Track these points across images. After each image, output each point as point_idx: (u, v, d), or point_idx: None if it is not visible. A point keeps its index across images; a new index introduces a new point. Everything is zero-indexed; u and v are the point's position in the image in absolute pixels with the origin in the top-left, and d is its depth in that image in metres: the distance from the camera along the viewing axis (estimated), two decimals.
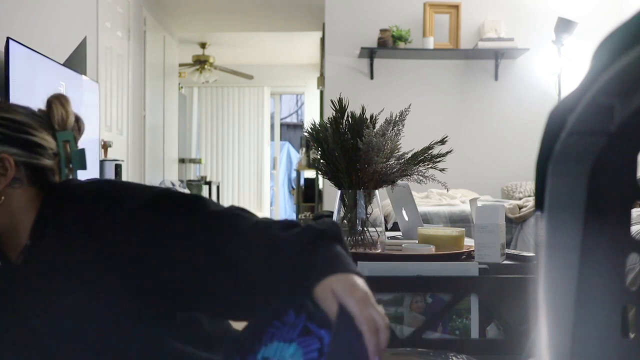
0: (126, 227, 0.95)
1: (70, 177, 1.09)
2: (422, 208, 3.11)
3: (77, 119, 1.14)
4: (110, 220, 0.96)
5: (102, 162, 3.74)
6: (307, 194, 7.43)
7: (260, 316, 0.91)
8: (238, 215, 0.95)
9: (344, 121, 1.65)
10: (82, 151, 1.11)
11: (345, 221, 1.65)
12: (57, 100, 1.10)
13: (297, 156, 9.38)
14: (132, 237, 0.95)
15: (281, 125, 10.24)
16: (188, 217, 0.95)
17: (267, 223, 0.93)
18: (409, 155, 1.67)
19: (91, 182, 1.07)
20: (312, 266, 0.85)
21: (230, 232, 0.92)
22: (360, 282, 0.84)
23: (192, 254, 0.92)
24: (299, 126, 10.75)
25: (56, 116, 1.08)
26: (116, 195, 1.00)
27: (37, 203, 1.05)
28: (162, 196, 0.99)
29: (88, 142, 3.38)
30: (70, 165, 1.10)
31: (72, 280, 0.97)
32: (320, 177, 4.17)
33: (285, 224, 0.92)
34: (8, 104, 1.09)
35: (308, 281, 0.84)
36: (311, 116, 7.44)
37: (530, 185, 4.36)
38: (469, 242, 1.73)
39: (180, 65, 7.31)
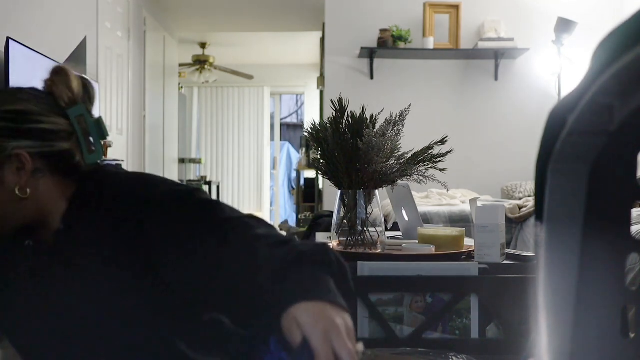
0: (148, 223, 0.98)
1: (93, 149, 1.06)
2: (422, 208, 3.11)
3: (85, 87, 1.08)
4: (138, 217, 0.98)
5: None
6: (307, 194, 7.43)
7: (254, 336, 0.92)
8: (247, 225, 0.95)
9: (344, 121, 1.65)
10: (99, 120, 1.06)
11: (345, 221, 1.65)
12: (58, 79, 1.05)
13: (297, 156, 9.38)
14: (152, 234, 0.97)
15: (281, 125, 10.24)
16: (199, 220, 0.96)
17: (259, 237, 0.93)
18: (409, 155, 1.67)
19: (125, 176, 1.07)
20: (281, 292, 0.82)
21: (228, 242, 0.93)
22: (331, 312, 0.79)
23: (194, 258, 0.94)
24: (299, 126, 10.75)
25: (61, 96, 1.04)
26: (146, 193, 1.01)
27: (68, 191, 1.04)
28: (183, 195, 1.00)
29: None
30: (91, 139, 1.06)
31: (96, 270, 1.00)
32: (320, 177, 4.17)
33: (276, 241, 0.92)
34: (10, 92, 1.07)
35: (278, 308, 0.81)
36: (311, 116, 7.44)
37: (530, 185, 4.36)
38: (469, 242, 1.73)
39: (180, 65, 7.30)
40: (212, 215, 0.97)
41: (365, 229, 1.64)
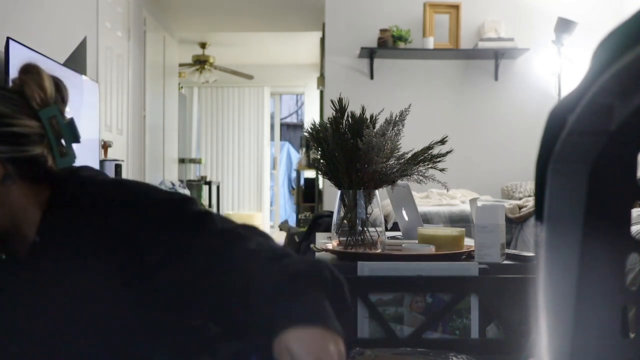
0: (135, 232, 0.94)
1: (66, 153, 0.98)
2: (422, 208, 3.10)
3: (58, 87, 1.00)
4: (123, 225, 0.94)
5: (102, 162, 3.74)
6: (307, 194, 7.43)
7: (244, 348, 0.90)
8: (240, 237, 0.92)
9: (344, 121, 1.65)
10: (71, 122, 0.98)
11: (345, 221, 1.65)
12: (29, 79, 0.98)
13: (297, 156, 9.38)
14: (138, 242, 0.93)
15: (281, 125, 10.24)
16: (190, 231, 0.93)
17: (252, 251, 0.89)
18: (409, 155, 1.67)
19: (105, 182, 1.01)
20: (273, 315, 0.80)
21: (220, 256, 0.90)
22: (323, 339, 0.77)
23: (184, 268, 0.91)
24: (299, 126, 10.75)
25: (33, 97, 0.96)
26: (131, 199, 0.96)
27: (41, 197, 0.98)
28: (172, 205, 0.96)
29: (88, 142, 3.38)
30: (62, 142, 0.98)
31: (76, 284, 0.95)
32: (320, 177, 4.17)
33: (270, 256, 0.88)
34: None
35: (269, 330, 0.79)
36: (311, 116, 7.44)
37: (530, 185, 4.36)
38: (469, 242, 1.73)
39: (180, 65, 7.31)
40: (204, 228, 0.93)
41: (365, 229, 1.64)
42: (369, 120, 1.65)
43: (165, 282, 0.93)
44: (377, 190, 1.67)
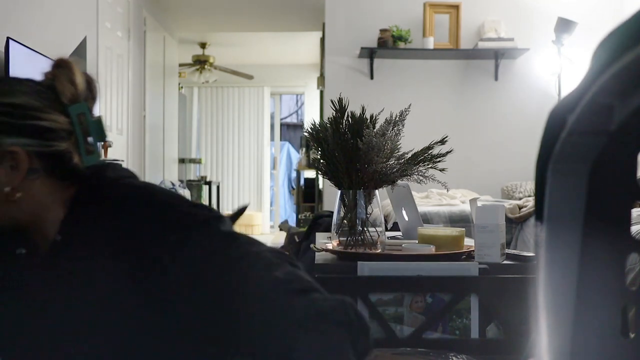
0: (155, 247, 0.90)
1: (92, 152, 0.97)
2: (422, 208, 3.11)
3: (89, 83, 0.99)
4: (143, 237, 0.90)
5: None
6: (307, 194, 7.43)
7: None
8: (269, 263, 0.87)
9: (344, 121, 1.65)
10: (99, 120, 0.97)
11: (345, 221, 1.65)
12: (62, 74, 0.96)
13: (297, 156, 9.38)
14: (157, 259, 0.89)
15: (281, 125, 10.24)
16: (215, 253, 0.89)
17: (279, 281, 0.84)
18: (409, 155, 1.67)
19: (131, 186, 0.98)
20: (295, 350, 0.79)
21: (245, 281, 0.86)
22: None
23: (205, 291, 0.88)
24: (299, 126, 10.75)
25: (64, 92, 0.95)
26: (156, 210, 0.92)
27: (65, 195, 0.96)
28: (198, 222, 0.91)
29: None
30: (89, 139, 0.96)
31: (92, 287, 0.93)
32: (320, 177, 4.16)
33: (297, 289, 0.84)
34: (8, 82, 0.98)
35: None
36: (311, 116, 7.44)
37: (530, 185, 4.36)
38: (469, 242, 1.73)
39: (180, 65, 7.31)
40: (229, 250, 0.89)
41: (365, 229, 1.64)
42: (369, 120, 1.65)
43: (182, 306, 0.89)
44: (377, 190, 1.67)
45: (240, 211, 1.83)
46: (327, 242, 1.79)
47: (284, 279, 0.84)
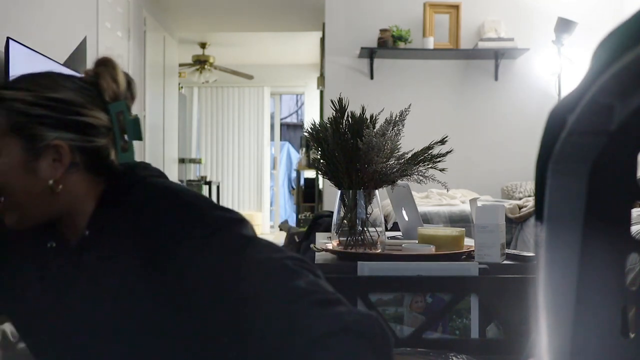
0: (177, 249, 0.90)
1: (127, 149, 0.99)
2: (422, 208, 3.11)
3: (129, 83, 1.03)
4: (167, 238, 0.91)
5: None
6: (307, 194, 7.43)
7: None
8: (292, 272, 0.85)
9: (344, 121, 1.65)
10: (137, 120, 1.00)
11: (345, 221, 1.65)
12: (105, 71, 0.99)
13: (297, 156, 9.38)
14: (178, 260, 0.89)
15: (281, 125, 10.24)
16: (236, 258, 0.87)
17: (301, 291, 0.82)
18: (409, 155, 1.67)
19: (161, 186, 0.98)
20: None
21: (264, 288, 0.84)
22: None
23: (224, 299, 0.86)
24: (299, 126, 10.75)
25: (107, 90, 0.98)
26: (181, 213, 0.92)
27: (97, 190, 0.98)
28: (222, 227, 0.91)
29: None
30: (125, 137, 0.99)
31: (114, 290, 0.94)
32: (320, 177, 4.16)
33: (319, 300, 0.81)
34: (52, 77, 0.99)
35: None
36: (311, 116, 7.44)
37: (530, 185, 4.36)
38: (469, 242, 1.73)
39: (180, 65, 7.31)
40: (250, 254, 0.88)
41: (365, 229, 1.64)
42: (369, 120, 1.65)
43: (198, 309, 0.89)
44: (377, 190, 1.67)
45: None
46: (327, 242, 1.79)
47: (305, 289, 0.82)
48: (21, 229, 0.99)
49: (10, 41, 2.49)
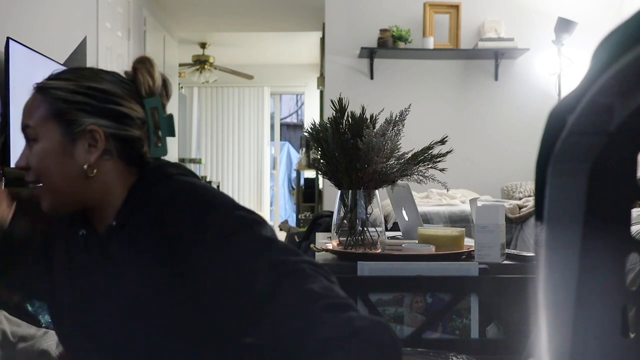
0: (199, 251, 0.91)
1: (160, 145, 1.04)
2: (422, 208, 3.11)
3: (165, 83, 1.08)
4: (188, 241, 0.92)
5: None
6: (307, 194, 7.43)
7: None
8: (305, 275, 0.86)
9: (344, 121, 1.65)
10: (171, 117, 1.05)
11: (345, 221, 1.65)
12: (143, 67, 1.05)
13: (297, 156, 9.38)
14: (201, 262, 0.91)
15: (281, 125, 10.24)
16: (252, 257, 0.89)
17: (315, 295, 0.83)
18: (409, 155, 1.67)
19: (189, 184, 1.00)
20: None
21: (280, 290, 0.85)
22: None
23: (239, 298, 0.88)
24: (299, 126, 10.75)
25: (143, 84, 1.04)
26: (203, 209, 0.94)
27: (128, 181, 1.02)
28: (241, 226, 0.92)
29: None
30: (159, 133, 1.04)
31: (136, 279, 0.96)
32: (320, 177, 4.16)
33: (333, 304, 0.82)
34: (94, 70, 1.06)
35: None
36: (311, 116, 7.44)
37: (530, 185, 4.36)
38: (469, 242, 1.73)
39: (180, 65, 7.31)
40: (268, 255, 0.89)
41: (365, 229, 1.64)
42: (369, 120, 1.65)
43: (215, 307, 0.90)
44: (377, 190, 1.67)
45: None
46: (327, 242, 1.79)
47: (319, 293, 0.83)
48: (56, 213, 1.04)
49: (10, 41, 2.49)
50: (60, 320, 1.08)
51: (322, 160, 1.69)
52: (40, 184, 1.00)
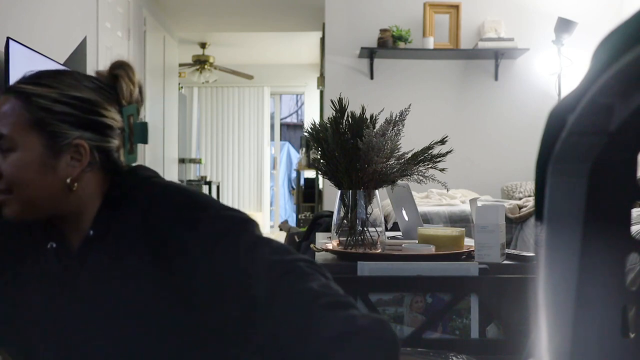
0: (186, 247, 0.90)
1: (132, 151, 1.01)
2: (422, 208, 3.11)
3: (140, 88, 1.05)
4: (175, 236, 0.90)
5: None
6: (307, 194, 7.43)
7: None
8: (303, 274, 0.85)
9: (344, 121, 1.65)
10: (145, 124, 1.03)
11: (345, 221, 1.65)
12: (124, 73, 1.02)
13: (297, 156, 9.38)
14: (188, 259, 0.89)
15: (281, 125, 10.24)
16: (247, 258, 0.87)
17: (314, 293, 0.82)
18: (409, 155, 1.67)
19: (164, 185, 0.98)
20: None
21: (278, 289, 0.84)
22: None
23: (235, 299, 0.87)
24: (299, 126, 10.75)
25: (124, 92, 1.01)
26: (188, 210, 0.92)
27: (103, 188, 0.98)
28: (233, 226, 0.91)
29: None
30: (132, 139, 1.01)
31: (120, 289, 0.93)
32: (320, 177, 4.16)
33: (332, 302, 0.81)
34: (75, 76, 1.00)
35: None
36: (311, 116, 7.44)
37: (530, 185, 4.36)
38: (469, 242, 1.73)
39: (180, 65, 7.30)
40: (264, 254, 0.87)
41: (365, 229, 1.64)
42: (369, 120, 1.65)
43: (209, 309, 0.89)
44: (377, 190, 1.67)
45: None
46: (327, 242, 1.79)
47: (318, 291, 0.82)
48: (21, 221, 0.98)
49: (10, 41, 2.49)
50: (25, 338, 0.99)
51: (322, 160, 1.69)
52: (11, 194, 0.94)
